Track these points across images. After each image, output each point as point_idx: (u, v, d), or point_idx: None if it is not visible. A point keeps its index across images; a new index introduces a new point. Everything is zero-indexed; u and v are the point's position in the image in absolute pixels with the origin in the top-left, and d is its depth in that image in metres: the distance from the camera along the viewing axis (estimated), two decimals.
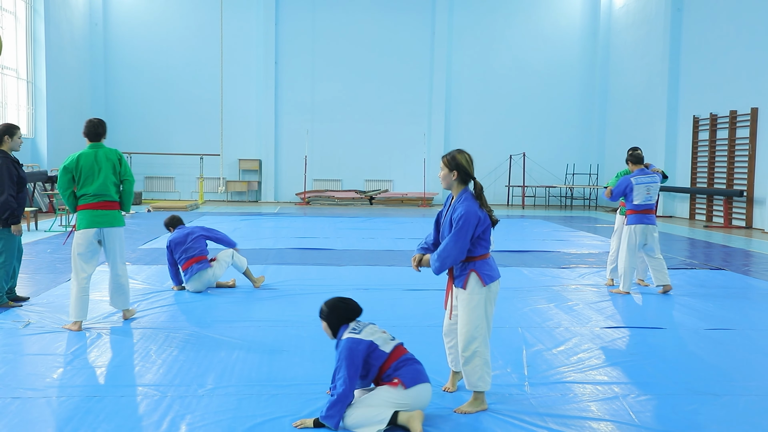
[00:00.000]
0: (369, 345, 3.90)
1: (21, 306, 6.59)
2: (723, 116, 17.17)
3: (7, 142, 6.45)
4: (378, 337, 3.96)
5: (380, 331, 4.00)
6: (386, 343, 3.98)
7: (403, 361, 3.94)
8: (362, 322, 4.05)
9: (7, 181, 6.30)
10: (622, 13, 22.71)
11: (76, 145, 21.08)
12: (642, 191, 7.71)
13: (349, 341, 3.87)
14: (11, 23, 17.74)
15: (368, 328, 3.99)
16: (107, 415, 3.95)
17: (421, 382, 3.91)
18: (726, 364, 5.18)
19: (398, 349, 4.00)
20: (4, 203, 6.25)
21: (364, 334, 3.93)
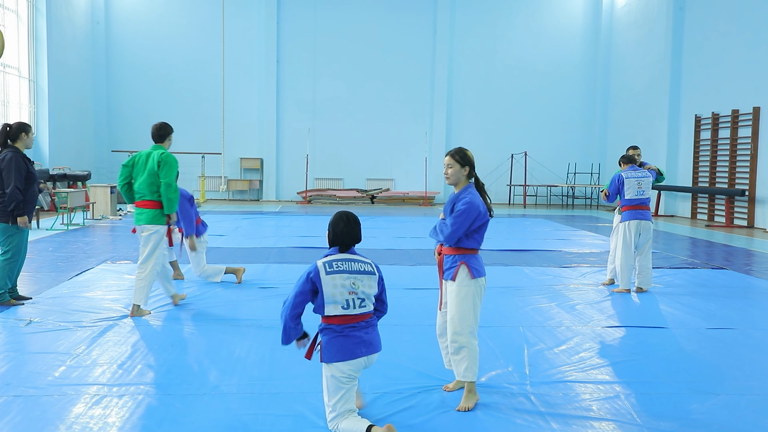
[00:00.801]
0: (312, 284, 3.72)
1: (23, 304, 6.61)
2: (725, 115, 17.15)
3: (23, 138, 6.59)
4: (339, 292, 3.68)
5: (349, 292, 3.69)
6: (341, 301, 3.69)
7: (341, 330, 3.72)
8: (345, 264, 3.72)
9: (15, 174, 6.39)
10: (624, 12, 22.68)
11: (77, 143, 21.12)
12: (633, 185, 7.79)
13: (312, 266, 3.76)
14: (13, 21, 17.75)
15: (339, 278, 3.68)
16: (109, 414, 3.96)
17: (340, 360, 3.68)
18: (727, 364, 5.17)
19: (348, 317, 3.72)
20: (10, 194, 6.35)
21: (327, 278, 3.67)
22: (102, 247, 10.88)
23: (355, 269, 3.75)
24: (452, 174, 4.32)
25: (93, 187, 16.11)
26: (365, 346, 3.74)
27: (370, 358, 3.79)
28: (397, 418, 3.94)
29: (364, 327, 3.77)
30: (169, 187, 6.29)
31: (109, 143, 22.82)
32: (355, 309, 3.73)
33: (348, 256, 3.80)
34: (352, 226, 3.81)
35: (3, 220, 6.45)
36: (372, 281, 3.78)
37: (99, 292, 7.30)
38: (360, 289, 3.73)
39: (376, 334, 3.83)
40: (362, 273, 3.76)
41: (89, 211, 15.47)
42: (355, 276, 3.73)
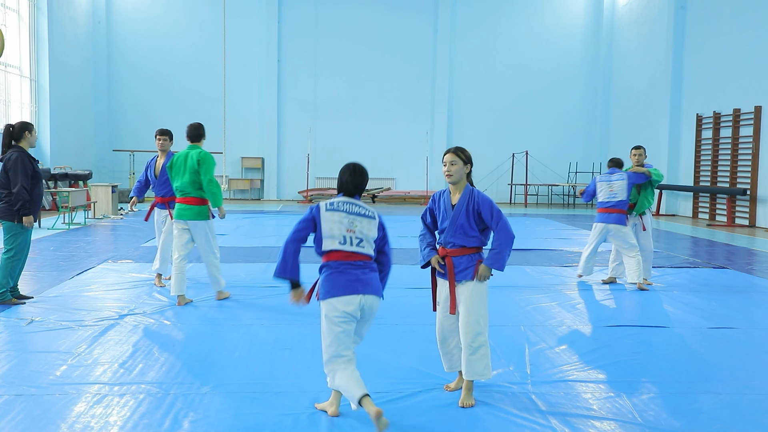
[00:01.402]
0: (312, 217, 3.90)
1: (24, 303, 6.61)
2: (726, 114, 17.14)
3: (27, 138, 6.64)
4: (337, 227, 3.84)
5: (347, 229, 3.83)
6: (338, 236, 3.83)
7: (337, 267, 3.82)
8: (345, 205, 3.89)
9: (21, 174, 6.43)
10: (625, 11, 22.66)
11: (78, 143, 21.13)
12: (604, 189, 8.14)
13: (315, 205, 3.95)
14: (14, 21, 17.76)
15: (338, 215, 3.85)
16: (110, 413, 3.96)
17: (335, 295, 3.78)
18: (729, 363, 5.17)
19: (345, 253, 3.82)
20: (17, 194, 6.39)
21: (326, 214, 3.87)
22: (103, 246, 10.88)
23: (354, 211, 3.90)
24: (456, 171, 4.28)
25: (94, 187, 16.11)
26: (361, 285, 3.79)
27: (368, 300, 3.80)
28: (399, 418, 3.94)
29: (361, 267, 3.84)
30: (211, 182, 6.73)
31: (110, 142, 22.83)
32: (352, 246, 3.83)
33: (349, 199, 3.96)
34: (356, 176, 4.00)
35: (8, 219, 6.49)
36: (371, 225, 3.90)
37: (100, 292, 7.30)
38: (358, 228, 3.86)
39: (374, 278, 3.88)
40: (361, 215, 3.90)
41: (90, 211, 15.48)
42: (354, 216, 3.88)
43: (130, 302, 6.81)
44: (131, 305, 6.68)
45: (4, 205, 6.48)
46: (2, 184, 6.51)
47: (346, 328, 3.79)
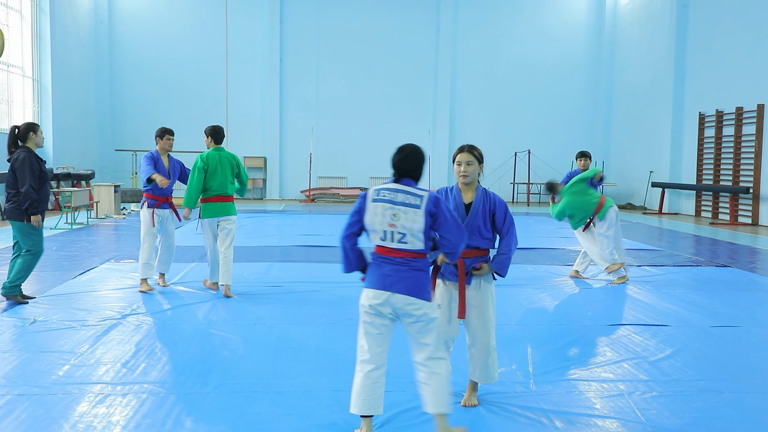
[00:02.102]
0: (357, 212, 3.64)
1: (27, 303, 6.63)
2: (729, 113, 17.10)
3: (32, 138, 6.66)
4: (379, 221, 3.54)
5: (389, 224, 3.50)
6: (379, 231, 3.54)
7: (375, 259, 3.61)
8: (391, 194, 3.53)
9: (29, 174, 6.47)
10: (628, 9, 22.62)
11: (81, 142, 21.15)
12: None
13: (364, 193, 3.69)
14: (17, 21, 17.78)
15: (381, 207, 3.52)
16: (113, 413, 3.96)
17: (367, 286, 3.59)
18: (732, 361, 5.16)
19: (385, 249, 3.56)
20: (25, 194, 6.43)
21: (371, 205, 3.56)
22: (106, 246, 10.90)
23: (399, 200, 3.51)
24: (472, 172, 4.05)
25: (97, 186, 16.13)
26: (390, 282, 3.51)
27: (397, 299, 3.50)
28: (400, 417, 3.94)
29: (399, 263, 3.52)
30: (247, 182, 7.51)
31: (113, 142, 22.85)
32: (392, 242, 3.52)
33: (399, 186, 3.56)
34: (404, 157, 3.59)
35: (18, 219, 6.53)
36: (415, 215, 3.47)
37: (103, 291, 7.31)
38: (400, 222, 3.49)
39: (411, 276, 3.51)
40: (406, 205, 3.50)
41: (93, 210, 15.50)
42: (397, 207, 3.50)
43: (133, 302, 6.82)
44: (134, 305, 6.69)
45: (14, 206, 6.52)
46: (11, 184, 6.55)
47: (375, 330, 3.57)
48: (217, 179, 7.12)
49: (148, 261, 7.36)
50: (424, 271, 3.58)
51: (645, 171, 21.04)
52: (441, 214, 3.51)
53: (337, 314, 6.42)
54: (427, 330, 3.58)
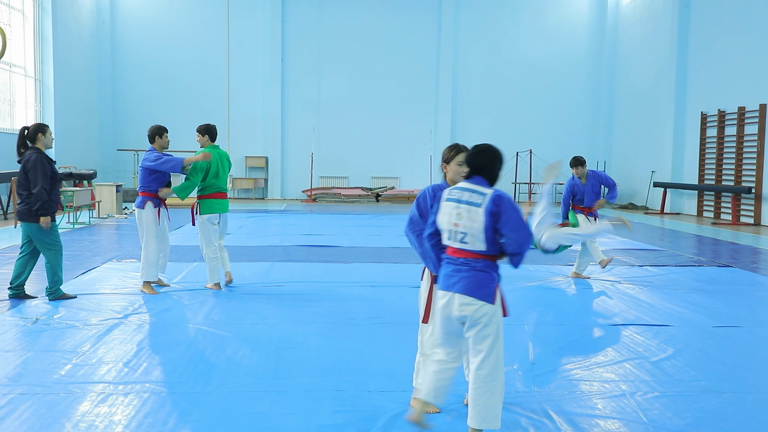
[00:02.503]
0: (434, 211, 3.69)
1: (75, 297, 6.79)
2: (731, 113, 17.08)
3: (41, 139, 6.69)
4: (446, 221, 3.55)
5: (454, 223, 3.50)
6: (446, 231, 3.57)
7: (445, 257, 3.62)
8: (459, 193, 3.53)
9: (41, 175, 6.50)
10: (629, 9, 22.61)
11: (83, 142, 21.17)
12: None
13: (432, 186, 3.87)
14: (19, 21, 17.80)
15: (448, 206, 3.53)
16: (115, 412, 3.96)
17: (440, 288, 3.58)
18: (734, 362, 5.15)
19: (450, 248, 3.57)
20: (37, 195, 6.47)
21: (443, 204, 3.57)
22: (108, 245, 10.91)
23: (464, 199, 3.50)
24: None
25: (99, 186, 16.15)
26: (451, 282, 3.50)
27: (456, 299, 3.47)
28: (402, 417, 3.93)
29: (460, 263, 3.50)
30: None
31: (115, 142, 22.87)
32: (456, 242, 3.52)
33: (468, 185, 3.55)
34: (477, 152, 3.56)
35: (33, 220, 6.55)
36: (476, 215, 3.43)
37: (105, 291, 7.32)
38: (462, 221, 3.48)
39: (471, 276, 3.46)
40: (468, 204, 3.47)
41: (95, 210, 15.51)
42: (461, 206, 3.49)
43: (134, 301, 6.82)
44: (135, 304, 6.69)
45: (27, 207, 6.55)
46: (23, 185, 6.57)
47: (444, 326, 3.56)
48: (217, 177, 7.32)
49: (155, 262, 7.31)
50: (486, 272, 3.49)
51: (647, 171, 21.03)
52: (503, 212, 3.43)
53: (339, 314, 6.42)
54: (482, 336, 3.48)
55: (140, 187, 7.31)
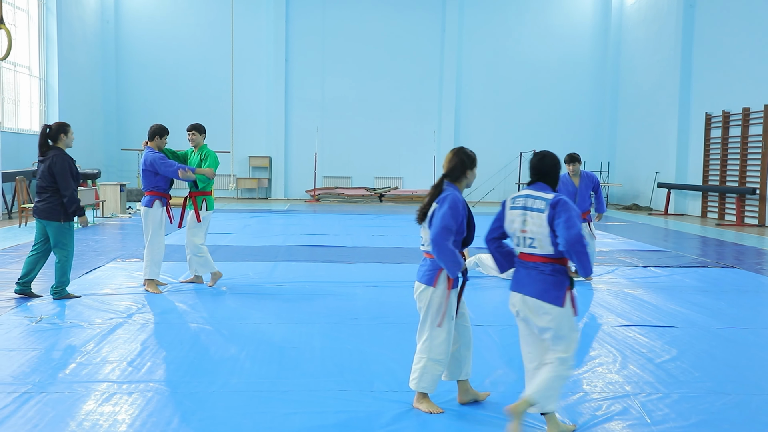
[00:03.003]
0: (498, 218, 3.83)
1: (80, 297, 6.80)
2: (735, 113, 17.04)
3: (62, 139, 6.75)
4: (513, 228, 3.74)
5: (521, 230, 3.69)
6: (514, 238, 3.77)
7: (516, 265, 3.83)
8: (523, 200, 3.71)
9: (70, 177, 6.59)
10: (634, 9, 22.57)
11: (87, 142, 21.20)
12: None
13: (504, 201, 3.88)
14: (24, 21, 17.84)
15: (514, 214, 3.73)
16: (119, 411, 3.97)
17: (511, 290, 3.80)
18: (738, 363, 5.14)
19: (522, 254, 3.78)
20: (70, 198, 6.58)
21: (508, 213, 3.77)
22: (112, 245, 10.93)
23: (529, 206, 3.69)
24: None
25: (103, 186, 16.18)
26: (518, 284, 3.73)
27: (527, 301, 3.65)
28: (406, 418, 3.94)
29: (530, 267, 3.69)
30: None
31: (119, 142, 22.91)
32: (525, 248, 3.71)
33: (532, 192, 3.73)
34: (542, 158, 3.80)
35: (55, 219, 6.60)
36: (540, 220, 3.61)
37: (109, 290, 7.33)
38: (529, 227, 3.67)
39: (540, 279, 3.63)
40: (533, 210, 3.66)
41: (99, 210, 15.54)
42: (527, 213, 3.69)
43: (139, 301, 6.83)
44: (139, 304, 6.70)
45: (50, 206, 6.59)
46: (47, 184, 6.60)
47: (523, 328, 3.78)
48: None
49: (160, 260, 7.39)
50: (554, 276, 3.63)
51: (651, 171, 20.99)
52: (558, 213, 3.58)
53: (342, 314, 6.42)
54: (557, 338, 3.63)
55: (147, 187, 7.34)
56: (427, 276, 4.01)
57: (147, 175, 7.28)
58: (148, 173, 7.27)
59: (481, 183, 23.53)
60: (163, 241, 7.51)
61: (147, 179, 7.30)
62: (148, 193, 7.34)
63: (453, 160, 3.99)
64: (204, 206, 7.49)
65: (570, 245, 3.52)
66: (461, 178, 4.01)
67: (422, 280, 4.03)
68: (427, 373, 3.96)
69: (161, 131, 7.43)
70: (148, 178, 7.29)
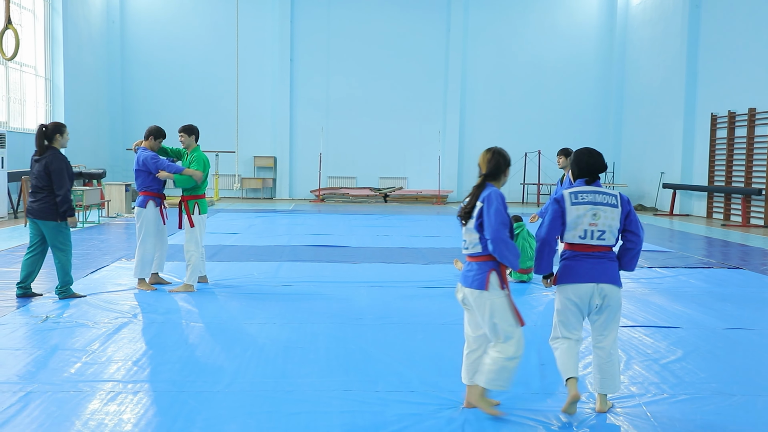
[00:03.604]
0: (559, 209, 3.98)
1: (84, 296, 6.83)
2: (741, 114, 16.99)
3: (58, 139, 6.77)
4: (580, 222, 3.94)
5: (590, 223, 3.94)
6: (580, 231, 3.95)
7: (574, 256, 4.00)
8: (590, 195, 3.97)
9: (66, 177, 6.61)
10: (639, 9, 22.52)
11: (92, 141, 21.28)
12: None
13: (559, 194, 4.03)
14: (30, 21, 17.90)
15: (583, 209, 3.94)
16: (124, 410, 3.98)
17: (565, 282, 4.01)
18: (744, 364, 5.13)
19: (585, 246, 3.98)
20: (64, 197, 6.57)
21: (571, 208, 3.95)
22: (117, 244, 10.95)
23: (599, 201, 3.97)
24: None
25: (108, 185, 16.23)
26: (592, 274, 3.94)
27: (601, 288, 3.94)
28: (409, 418, 3.93)
29: (599, 257, 3.97)
30: None
31: (124, 141, 22.95)
32: (593, 240, 3.96)
33: (594, 188, 4.02)
34: (596, 157, 4.10)
35: (52, 219, 6.61)
36: (614, 214, 3.96)
37: (114, 290, 7.35)
38: (600, 220, 3.95)
39: (610, 266, 3.98)
40: (606, 205, 3.97)
41: (104, 209, 15.59)
42: (598, 207, 3.95)
43: (144, 300, 6.85)
44: (144, 303, 6.72)
45: (45, 206, 6.59)
46: (43, 183, 6.60)
47: (577, 312, 4.01)
48: (207, 177, 7.60)
49: (150, 261, 7.39)
50: (616, 262, 4.08)
51: (656, 172, 20.94)
52: (631, 212, 4.04)
53: (347, 314, 6.43)
54: (614, 316, 4.05)
55: (141, 186, 7.36)
56: (478, 280, 3.88)
57: (140, 174, 7.36)
58: (142, 173, 7.34)
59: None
60: (164, 240, 7.53)
61: (140, 179, 7.37)
62: (142, 193, 7.38)
63: (493, 161, 4.00)
64: (196, 210, 7.39)
65: (641, 243, 4.10)
66: (500, 178, 4.05)
67: (473, 286, 3.89)
68: (505, 371, 3.91)
69: (156, 133, 7.50)
70: (141, 177, 7.36)
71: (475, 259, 3.94)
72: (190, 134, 7.55)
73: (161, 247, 7.54)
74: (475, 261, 3.93)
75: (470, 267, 3.95)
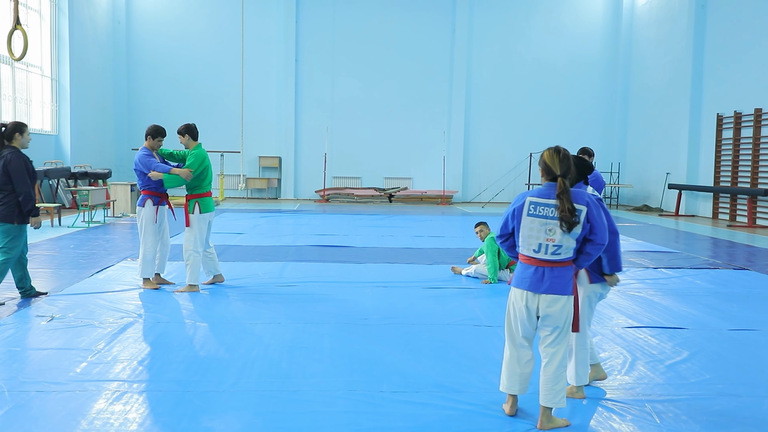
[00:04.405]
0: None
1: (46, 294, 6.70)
2: (747, 114, 16.93)
3: (17, 138, 6.62)
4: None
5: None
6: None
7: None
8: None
9: (27, 176, 6.48)
10: (645, 9, 22.47)
11: (98, 141, 21.33)
12: None
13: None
14: (36, 21, 17.97)
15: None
16: (129, 410, 3.99)
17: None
18: (749, 365, 5.11)
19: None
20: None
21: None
22: (122, 244, 10.98)
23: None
24: None
25: (114, 185, 16.27)
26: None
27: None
28: (413, 418, 3.94)
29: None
30: None
31: (130, 142, 23.01)
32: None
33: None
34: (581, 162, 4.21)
35: (8, 221, 6.44)
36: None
37: (119, 290, 7.36)
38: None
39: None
40: None
41: (110, 209, 15.63)
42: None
43: (149, 300, 6.87)
44: (150, 303, 6.73)
45: (5, 208, 6.41)
46: (2, 184, 6.42)
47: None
48: (210, 175, 7.47)
49: (153, 259, 7.38)
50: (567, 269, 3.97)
51: (662, 172, 20.89)
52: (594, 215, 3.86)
53: (352, 314, 6.43)
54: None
55: (140, 186, 7.43)
56: (570, 286, 3.84)
57: (139, 174, 7.40)
58: (139, 172, 7.38)
59: (490, 183, 23.50)
60: (166, 240, 7.55)
61: (139, 178, 7.42)
62: (142, 192, 7.43)
63: (566, 161, 3.86)
64: (197, 209, 7.32)
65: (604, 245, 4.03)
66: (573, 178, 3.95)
67: (563, 292, 3.81)
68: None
69: (153, 132, 7.48)
70: (139, 177, 7.40)
71: (559, 264, 3.82)
72: (184, 134, 7.51)
73: (162, 248, 7.54)
74: (559, 267, 3.82)
75: (552, 272, 3.81)
